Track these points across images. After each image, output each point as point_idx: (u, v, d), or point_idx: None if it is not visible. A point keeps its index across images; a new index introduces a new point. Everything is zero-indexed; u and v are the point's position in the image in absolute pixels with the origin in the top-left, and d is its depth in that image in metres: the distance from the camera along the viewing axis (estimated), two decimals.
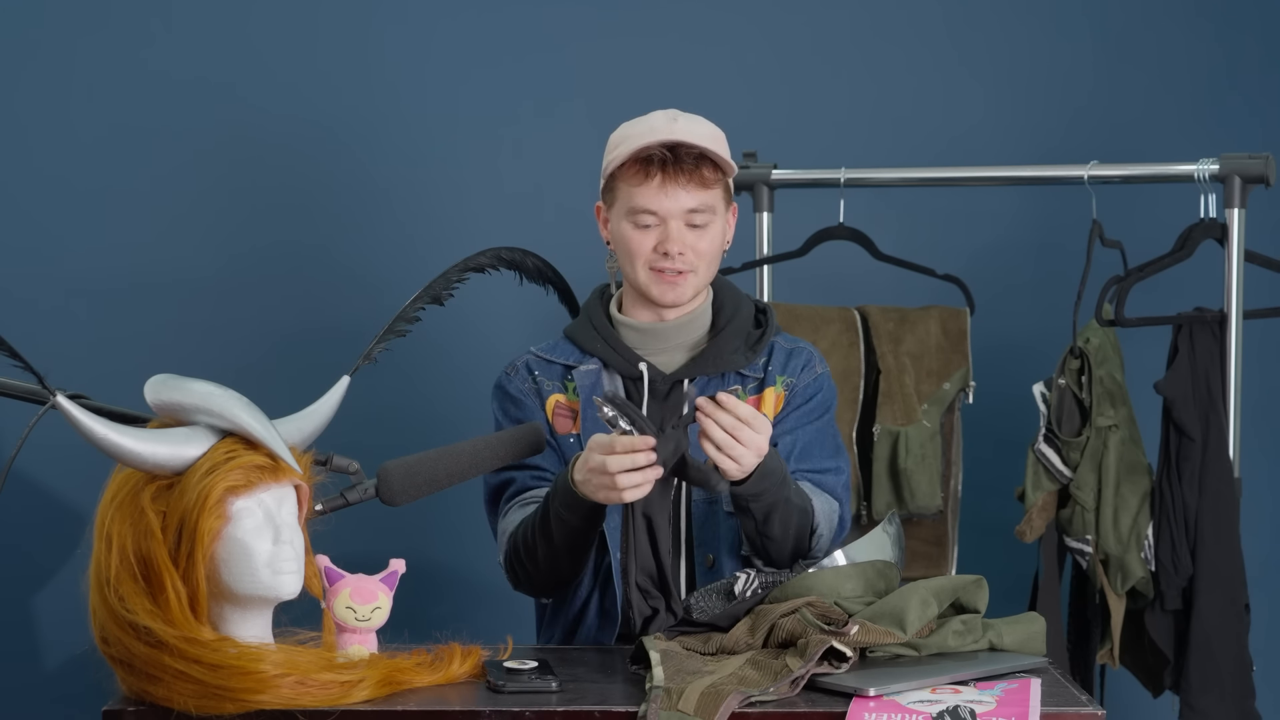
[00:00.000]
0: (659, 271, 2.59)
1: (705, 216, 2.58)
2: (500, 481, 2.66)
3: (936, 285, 3.47)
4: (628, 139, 2.58)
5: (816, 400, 2.66)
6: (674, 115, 2.59)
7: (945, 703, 2.07)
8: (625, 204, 2.59)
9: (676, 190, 2.55)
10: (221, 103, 3.65)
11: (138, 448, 2.15)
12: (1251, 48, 3.78)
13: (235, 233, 3.66)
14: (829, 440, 2.67)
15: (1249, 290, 3.29)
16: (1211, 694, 3.22)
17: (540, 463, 2.64)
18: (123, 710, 2.13)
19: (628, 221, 2.59)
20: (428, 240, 3.64)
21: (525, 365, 2.69)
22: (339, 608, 2.24)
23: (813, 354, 2.70)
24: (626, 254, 2.61)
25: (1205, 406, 3.23)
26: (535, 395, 2.66)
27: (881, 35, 3.77)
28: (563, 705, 2.11)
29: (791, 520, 2.50)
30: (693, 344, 2.65)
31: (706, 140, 2.57)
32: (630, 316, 2.66)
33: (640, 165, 2.56)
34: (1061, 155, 3.54)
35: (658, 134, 2.55)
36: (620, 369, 2.64)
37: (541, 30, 3.71)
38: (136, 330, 3.62)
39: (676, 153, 2.54)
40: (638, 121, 2.61)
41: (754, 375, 2.65)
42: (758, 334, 2.67)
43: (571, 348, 2.68)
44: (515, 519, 2.61)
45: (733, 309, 2.67)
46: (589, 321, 2.68)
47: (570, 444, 2.63)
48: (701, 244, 2.59)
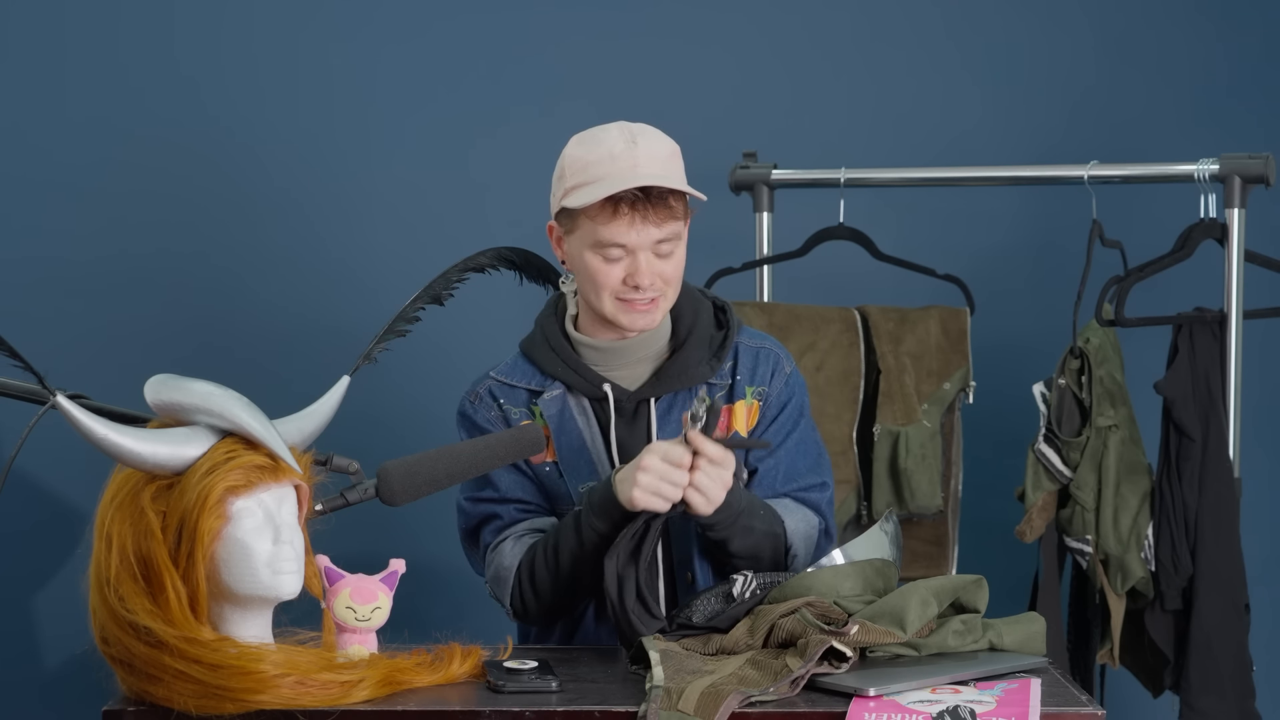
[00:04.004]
0: (627, 301, 2.52)
1: (672, 245, 2.51)
2: (484, 514, 2.61)
3: (936, 285, 3.47)
4: (588, 169, 2.48)
5: (790, 407, 2.62)
6: (631, 136, 2.50)
7: (945, 703, 2.07)
8: (590, 236, 2.50)
9: (647, 227, 2.48)
10: (222, 102, 3.65)
11: (138, 448, 2.15)
12: (1251, 48, 3.78)
13: (235, 232, 3.65)
14: (810, 449, 2.63)
15: (1249, 290, 3.29)
16: (1211, 694, 3.22)
17: (522, 495, 2.60)
18: (123, 710, 2.13)
19: (593, 253, 2.51)
20: (427, 240, 3.64)
21: (489, 392, 2.62)
22: (339, 608, 2.24)
23: (779, 354, 2.64)
24: (591, 284, 2.53)
25: (1205, 406, 3.23)
26: (503, 423, 2.60)
27: (881, 35, 3.77)
28: (563, 705, 2.12)
29: (757, 545, 2.48)
30: (655, 355, 2.60)
31: (668, 163, 2.50)
32: (589, 335, 2.59)
33: (607, 203, 2.47)
34: (1061, 155, 3.54)
35: (620, 167, 2.46)
36: (584, 391, 2.58)
37: (541, 30, 3.71)
38: (136, 330, 3.61)
39: (648, 193, 2.47)
40: (592, 143, 2.50)
41: (721, 383, 2.60)
42: (720, 337, 2.61)
43: (531, 369, 2.61)
44: (517, 552, 2.56)
45: (692, 315, 2.60)
46: (545, 341, 2.61)
47: (547, 472, 2.59)
48: (669, 269, 2.52)
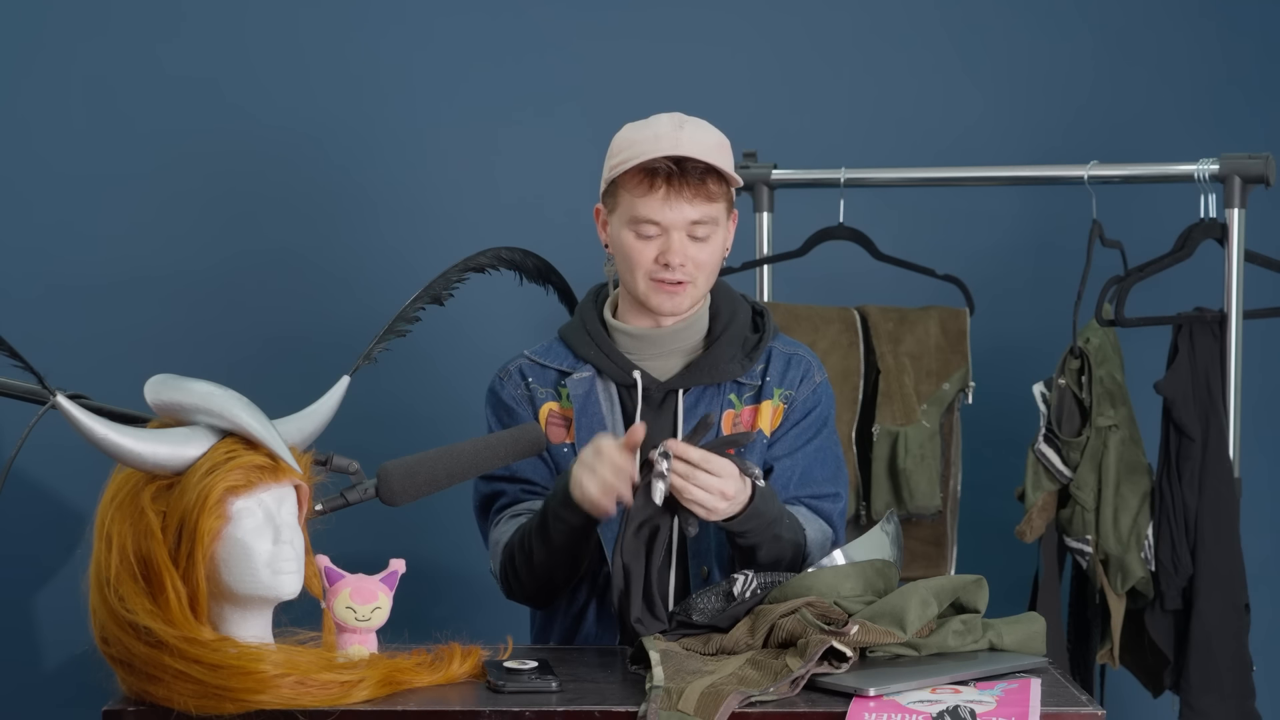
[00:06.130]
0: (659, 281, 2.56)
1: (708, 229, 2.55)
2: (491, 491, 2.65)
3: (936, 285, 3.47)
4: (633, 146, 2.54)
5: (815, 414, 2.63)
6: (680, 121, 2.55)
7: (945, 703, 2.07)
8: (627, 212, 2.55)
9: (681, 203, 2.52)
10: (222, 102, 3.65)
11: (138, 448, 2.15)
12: (1251, 48, 3.78)
13: (236, 233, 3.66)
14: (829, 459, 2.65)
15: (1249, 290, 3.29)
16: (1211, 694, 3.22)
17: (530, 475, 2.63)
18: (123, 710, 2.13)
19: (629, 230, 2.56)
20: (427, 241, 3.64)
21: (519, 370, 2.66)
22: (339, 608, 2.24)
23: (811, 363, 2.66)
24: (626, 262, 2.58)
25: (1205, 406, 3.23)
26: (528, 403, 2.64)
27: (881, 35, 3.77)
28: (563, 705, 2.11)
29: (782, 553, 2.49)
30: (689, 349, 2.63)
31: (712, 151, 2.53)
32: (626, 322, 2.63)
33: (645, 176, 2.52)
34: (1061, 155, 3.54)
35: (663, 146, 2.51)
36: (614, 377, 2.61)
37: (541, 30, 3.71)
38: (136, 330, 3.61)
39: (683, 166, 2.51)
40: (643, 125, 2.56)
41: (750, 383, 2.62)
42: (755, 339, 2.64)
43: (565, 351, 2.65)
44: (508, 530, 2.59)
45: (729, 314, 2.64)
46: (583, 326, 2.65)
47: (564, 453, 2.61)
48: (702, 255, 2.56)
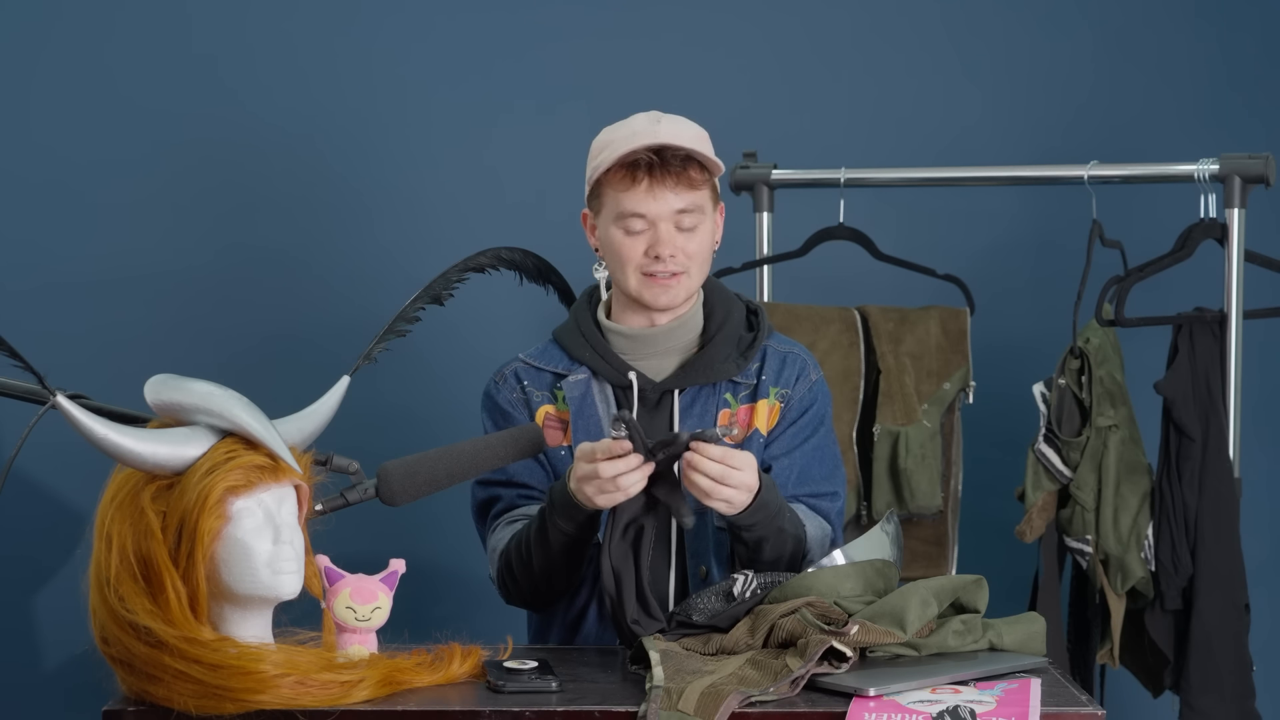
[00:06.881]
0: (650, 275, 2.56)
1: (694, 218, 2.55)
2: (487, 497, 2.64)
3: (936, 285, 3.47)
4: (611, 144, 2.55)
5: (811, 413, 2.63)
6: (656, 117, 2.56)
7: (945, 703, 2.07)
8: (613, 209, 2.56)
9: (664, 192, 2.53)
10: (220, 104, 3.65)
11: (138, 448, 2.15)
12: (1251, 48, 3.78)
13: (236, 232, 3.65)
14: (827, 458, 2.64)
15: (1249, 290, 3.29)
16: (1211, 694, 3.22)
17: (527, 480, 2.62)
18: (123, 710, 2.13)
19: (616, 227, 2.56)
20: (427, 240, 3.64)
21: (514, 374, 2.66)
22: (339, 608, 2.24)
23: (806, 361, 2.66)
24: (617, 260, 2.58)
25: (1205, 406, 3.23)
26: (524, 406, 2.64)
27: (881, 36, 3.77)
28: (563, 705, 2.11)
29: (784, 548, 2.48)
30: (684, 348, 2.62)
31: (691, 140, 2.55)
32: (620, 322, 2.63)
33: (626, 170, 2.53)
34: (1061, 155, 3.54)
35: (641, 138, 2.52)
36: (609, 378, 2.61)
37: (541, 30, 3.71)
38: (136, 330, 3.61)
39: (662, 155, 2.52)
40: (620, 126, 2.58)
41: (746, 383, 2.62)
42: (750, 338, 2.64)
43: (560, 353, 2.65)
44: (504, 536, 2.59)
45: (724, 313, 2.64)
46: (577, 327, 2.65)
47: (561, 456, 2.61)
48: (691, 245, 2.56)
